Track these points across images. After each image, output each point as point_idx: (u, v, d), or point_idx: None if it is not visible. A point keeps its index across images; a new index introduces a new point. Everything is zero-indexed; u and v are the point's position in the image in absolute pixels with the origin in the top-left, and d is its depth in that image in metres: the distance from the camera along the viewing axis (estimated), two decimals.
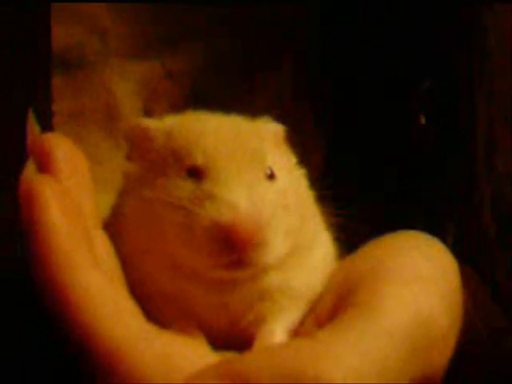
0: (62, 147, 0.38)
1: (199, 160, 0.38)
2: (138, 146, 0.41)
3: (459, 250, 0.42)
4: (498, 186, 0.48)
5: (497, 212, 0.48)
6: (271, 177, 0.39)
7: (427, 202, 0.49)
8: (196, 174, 0.38)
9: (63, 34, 0.54)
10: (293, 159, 0.43)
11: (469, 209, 0.48)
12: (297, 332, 0.40)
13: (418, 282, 0.37)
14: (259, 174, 0.39)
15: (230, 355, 0.36)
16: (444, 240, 0.42)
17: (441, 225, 0.47)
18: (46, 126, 0.54)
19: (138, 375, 0.33)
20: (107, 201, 0.43)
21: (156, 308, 0.39)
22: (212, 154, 0.38)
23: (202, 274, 0.38)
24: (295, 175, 0.42)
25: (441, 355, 0.37)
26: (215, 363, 0.33)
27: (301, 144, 0.52)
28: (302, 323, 0.40)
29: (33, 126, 0.39)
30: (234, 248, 0.36)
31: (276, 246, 0.38)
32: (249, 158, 0.38)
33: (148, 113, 0.55)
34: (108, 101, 0.54)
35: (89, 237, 0.36)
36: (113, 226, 0.40)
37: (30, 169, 0.36)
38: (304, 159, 0.48)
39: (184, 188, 0.38)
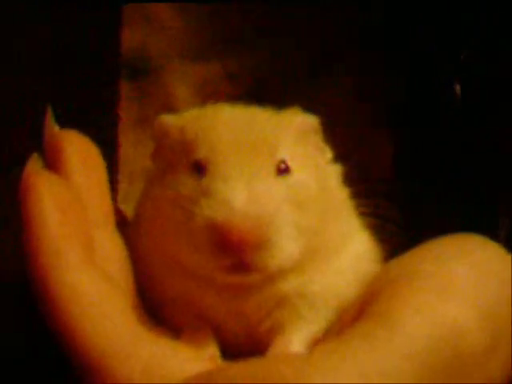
0: (74, 144, 0.37)
1: (202, 154, 0.36)
2: (158, 144, 0.39)
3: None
4: None
5: None
6: (284, 171, 0.36)
7: (481, 196, 0.43)
8: (199, 169, 0.36)
9: (129, 36, 0.54)
10: (326, 153, 0.39)
11: None
12: (319, 343, 0.36)
13: (450, 291, 0.32)
14: (266, 168, 0.35)
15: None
16: (497, 234, 0.37)
17: (495, 220, 0.42)
18: (112, 132, 0.54)
19: (120, 381, 0.31)
20: None
21: (169, 313, 0.37)
22: (215, 147, 0.35)
23: (213, 278, 0.35)
24: (321, 170, 0.38)
25: (478, 377, 0.32)
26: (195, 375, 0.31)
27: (368, 145, 0.48)
28: (327, 333, 0.36)
29: (50, 123, 0.38)
30: (231, 249, 0.33)
31: (284, 248, 0.34)
32: (255, 151, 0.35)
33: None
34: (169, 104, 0.53)
35: (87, 235, 0.35)
36: (132, 227, 0.39)
37: (31, 163, 0.36)
38: (372, 160, 0.44)
39: (187, 184, 0.35)
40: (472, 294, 0.32)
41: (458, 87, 0.44)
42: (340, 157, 0.41)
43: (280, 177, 0.36)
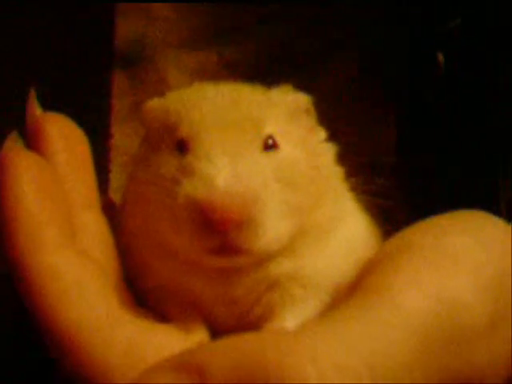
0: (56, 125, 0.36)
1: (184, 132, 0.34)
2: (146, 129, 0.38)
3: None
4: None
5: None
6: (271, 147, 0.34)
7: (482, 168, 0.41)
8: (182, 148, 0.34)
9: (125, 26, 0.53)
10: (319, 133, 0.38)
11: None
12: None
13: (450, 264, 0.31)
14: (252, 144, 0.33)
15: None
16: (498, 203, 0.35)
17: (496, 191, 0.40)
18: (105, 121, 0.53)
19: (98, 363, 0.30)
20: None
21: (157, 299, 0.35)
22: (197, 124, 0.34)
23: (198, 262, 0.33)
24: (313, 149, 0.36)
25: (482, 352, 0.30)
26: (177, 354, 0.29)
27: (371, 126, 0.47)
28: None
29: (33, 106, 0.37)
30: (213, 229, 0.31)
31: (271, 227, 0.32)
32: (240, 127, 0.33)
33: None
34: (164, 93, 0.52)
35: (67, 215, 0.33)
36: (119, 212, 0.37)
37: (10, 141, 0.34)
38: (375, 141, 0.42)
39: (170, 164, 0.34)
40: (473, 267, 0.31)
41: (441, 57, 0.43)
42: (342, 141, 0.39)
43: (267, 152, 0.34)
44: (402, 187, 0.39)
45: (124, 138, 0.51)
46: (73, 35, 0.52)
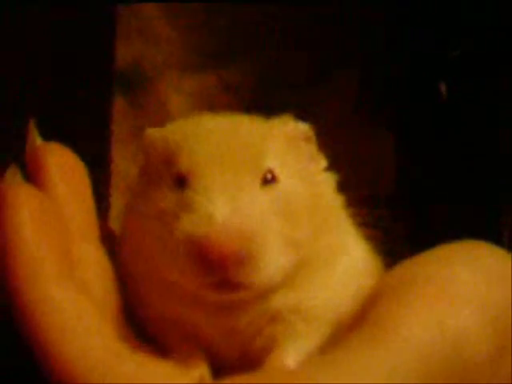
0: (56, 156, 0.36)
1: (183, 166, 0.34)
2: (145, 158, 0.37)
3: None
4: None
5: None
6: (271, 180, 0.34)
7: (483, 198, 0.41)
8: (181, 182, 0.34)
9: (124, 50, 0.53)
10: (319, 162, 0.38)
11: None
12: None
13: (454, 295, 0.31)
14: (251, 178, 0.33)
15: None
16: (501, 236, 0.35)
17: (498, 221, 0.40)
18: (104, 146, 0.53)
19: None
20: None
21: (158, 332, 0.35)
22: (196, 158, 0.34)
23: (198, 296, 0.33)
24: (313, 179, 0.36)
25: (485, 380, 0.30)
26: None
27: (370, 157, 0.47)
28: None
29: (33, 136, 0.37)
30: (212, 266, 0.31)
31: (271, 262, 0.32)
32: (239, 161, 0.33)
33: None
34: (164, 117, 0.52)
35: (66, 248, 0.33)
36: (118, 244, 0.37)
37: (9, 175, 0.34)
38: (374, 173, 0.43)
39: (168, 199, 0.34)
40: (476, 299, 0.31)
41: (443, 87, 0.43)
42: (341, 167, 0.39)
43: (266, 187, 0.34)
44: (401, 219, 0.38)
45: (124, 163, 0.51)
46: (72, 59, 0.52)
